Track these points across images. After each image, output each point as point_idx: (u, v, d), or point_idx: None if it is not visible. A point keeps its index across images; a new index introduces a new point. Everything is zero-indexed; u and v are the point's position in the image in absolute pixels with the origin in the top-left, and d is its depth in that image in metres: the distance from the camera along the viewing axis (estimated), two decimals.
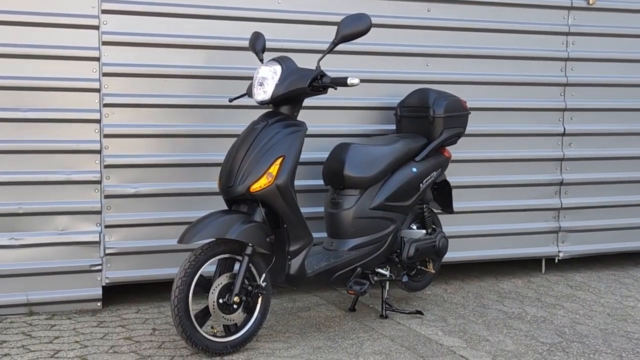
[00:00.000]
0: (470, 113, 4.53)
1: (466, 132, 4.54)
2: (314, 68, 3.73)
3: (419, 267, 4.46)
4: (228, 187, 3.60)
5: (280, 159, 3.58)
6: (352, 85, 3.68)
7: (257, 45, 3.98)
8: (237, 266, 3.56)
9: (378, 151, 4.14)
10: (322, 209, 4.23)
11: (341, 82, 3.68)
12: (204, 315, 3.56)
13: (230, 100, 4.09)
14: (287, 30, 4.48)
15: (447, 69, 4.87)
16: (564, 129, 5.19)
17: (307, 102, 3.93)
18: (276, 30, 4.42)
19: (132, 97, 4.23)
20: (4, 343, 3.70)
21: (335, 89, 3.77)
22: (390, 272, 4.21)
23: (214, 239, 3.52)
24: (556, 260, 5.35)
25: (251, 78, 3.83)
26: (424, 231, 4.36)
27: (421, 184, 4.29)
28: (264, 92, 3.69)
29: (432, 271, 4.47)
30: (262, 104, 3.76)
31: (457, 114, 4.42)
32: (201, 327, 3.51)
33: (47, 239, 4.16)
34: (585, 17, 5.18)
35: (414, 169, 4.25)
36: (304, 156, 3.90)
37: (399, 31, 4.74)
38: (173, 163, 4.33)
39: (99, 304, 4.27)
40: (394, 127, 4.64)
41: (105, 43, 4.16)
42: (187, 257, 3.49)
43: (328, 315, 4.26)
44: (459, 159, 4.81)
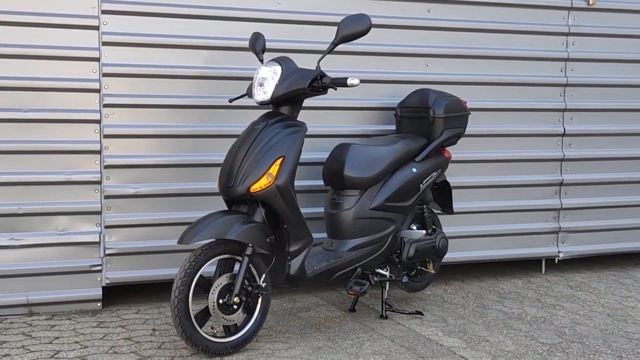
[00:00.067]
0: (470, 113, 4.53)
1: (466, 133, 4.54)
2: (314, 68, 3.73)
3: (419, 267, 4.46)
4: (228, 188, 3.60)
5: (280, 160, 3.58)
6: (352, 85, 3.67)
7: (257, 46, 3.98)
8: (237, 266, 3.56)
9: (378, 152, 4.14)
10: (322, 210, 4.23)
11: (341, 83, 3.67)
12: (204, 316, 3.55)
13: (230, 101, 4.09)
14: (287, 31, 4.48)
15: (447, 70, 4.87)
16: (564, 129, 5.18)
17: (307, 102, 3.93)
18: (276, 31, 4.42)
19: (132, 97, 4.23)
20: (4, 344, 3.70)
21: (335, 89, 3.77)
22: (390, 272, 4.21)
23: (214, 240, 3.52)
24: (556, 261, 5.34)
25: (251, 78, 3.83)
26: (424, 232, 4.36)
27: (421, 185, 4.29)
28: (264, 92, 3.69)
29: (432, 272, 4.47)
30: (262, 104, 3.76)
31: (457, 115, 4.42)
32: (201, 327, 3.51)
33: (47, 239, 4.16)
34: (585, 18, 5.18)
35: (414, 170, 4.25)
36: (304, 156, 3.90)
37: (399, 31, 4.74)
38: (173, 163, 4.33)
39: (99, 305, 4.27)
40: (394, 127, 4.64)
41: (105, 43, 4.16)
42: (187, 257, 3.49)
43: (328, 316, 4.26)
44: (459, 160, 4.81)
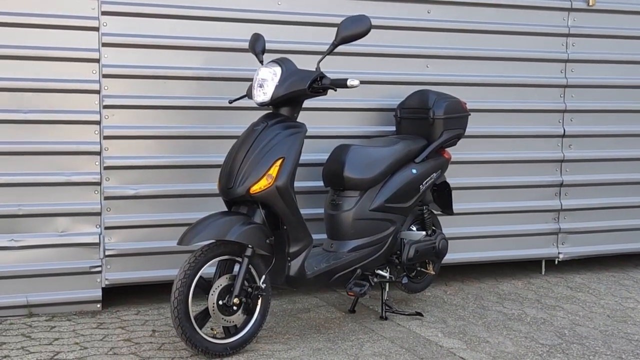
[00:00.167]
0: (470, 114, 4.53)
1: (466, 134, 4.54)
2: (314, 69, 3.73)
3: (418, 268, 4.46)
4: (228, 189, 3.60)
5: (280, 161, 3.58)
6: (352, 86, 3.67)
7: (257, 47, 3.98)
8: (236, 268, 3.56)
9: (378, 153, 4.14)
10: (322, 211, 4.23)
11: (341, 84, 3.67)
12: (203, 317, 3.55)
13: (230, 102, 4.09)
14: (287, 32, 4.48)
15: (447, 71, 4.87)
16: (564, 130, 5.18)
17: (307, 103, 3.93)
18: (276, 32, 4.42)
19: (132, 98, 4.23)
20: (3, 345, 3.70)
21: (335, 90, 3.76)
22: (390, 273, 4.21)
23: (213, 241, 3.52)
24: (556, 262, 5.34)
25: (251, 79, 3.83)
26: (424, 232, 4.36)
27: (421, 186, 4.28)
28: (264, 93, 3.69)
29: (432, 272, 4.47)
30: (262, 105, 3.76)
31: (457, 116, 4.42)
32: (201, 328, 3.50)
33: (46, 240, 4.16)
34: (585, 19, 5.18)
35: (414, 171, 4.25)
36: (304, 157, 3.90)
37: (399, 33, 4.74)
38: (173, 164, 4.33)
39: (98, 306, 4.27)
40: (393, 128, 4.64)
41: (105, 44, 4.17)
42: (186, 258, 3.49)
43: (328, 317, 4.26)
44: (458, 161, 4.81)
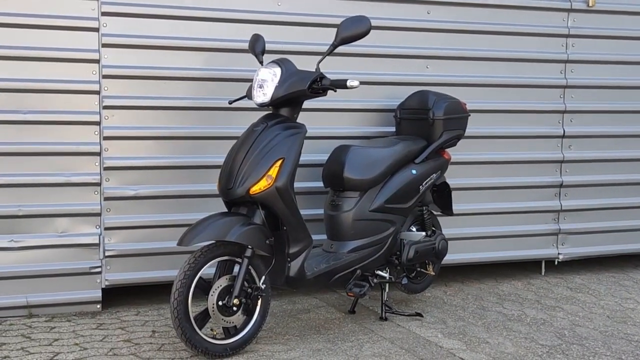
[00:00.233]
0: (470, 115, 4.53)
1: (466, 134, 4.54)
2: (314, 70, 3.73)
3: (418, 269, 4.46)
4: (227, 189, 3.60)
5: (280, 161, 3.58)
6: (352, 87, 3.67)
7: (257, 48, 3.98)
8: (236, 268, 3.56)
9: (378, 153, 4.14)
10: (321, 211, 4.23)
11: (341, 84, 3.67)
12: (203, 318, 3.56)
13: (230, 103, 4.09)
14: (286, 33, 4.48)
15: (447, 71, 4.87)
16: (564, 131, 5.18)
17: (307, 104, 3.93)
18: (276, 33, 4.42)
19: (131, 99, 4.23)
20: (3, 345, 3.70)
21: (335, 91, 3.77)
22: (389, 274, 4.21)
23: (213, 241, 3.52)
24: (556, 263, 5.35)
25: (251, 80, 3.83)
26: (424, 233, 4.36)
27: (421, 186, 4.28)
28: (264, 94, 3.69)
29: (432, 273, 4.47)
30: (262, 106, 3.76)
31: (457, 116, 4.42)
32: (201, 329, 3.51)
33: (46, 241, 4.16)
34: (584, 20, 5.18)
35: (414, 171, 4.25)
36: (304, 158, 3.90)
37: (399, 33, 4.74)
38: (173, 165, 4.33)
39: (98, 306, 4.27)
40: (393, 129, 4.64)
41: (105, 45, 4.17)
42: (186, 259, 3.49)
43: (328, 318, 4.26)
44: (458, 161, 4.81)
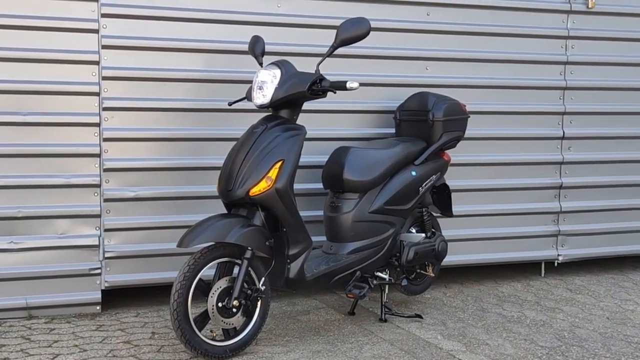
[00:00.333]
0: (469, 117, 4.53)
1: (465, 136, 4.54)
2: (314, 72, 3.73)
3: (418, 270, 4.46)
4: (227, 191, 3.60)
5: (280, 163, 3.58)
6: (352, 89, 3.67)
7: (257, 49, 3.98)
8: (236, 270, 3.56)
9: (377, 155, 4.14)
10: (321, 213, 4.23)
11: (340, 86, 3.67)
12: (203, 319, 3.55)
13: (230, 104, 4.10)
14: (286, 34, 4.48)
15: (447, 73, 4.87)
16: (564, 132, 5.19)
17: (307, 105, 3.93)
18: (276, 34, 4.42)
19: (131, 100, 4.23)
20: (3, 347, 3.69)
21: (335, 92, 3.77)
22: (389, 275, 4.21)
23: (213, 243, 3.52)
24: (555, 264, 5.34)
25: (251, 82, 3.83)
26: (423, 235, 4.36)
27: (420, 188, 4.28)
28: (264, 95, 3.69)
29: (432, 275, 4.47)
30: (262, 107, 3.76)
31: (457, 118, 4.42)
32: (200, 330, 3.51)
33: (46, 242, 4.16)
34: (584, 21, 5.19)
35: (414, 173, 4.25)
36: (304, 160, 3.90)
37: (399, 35, 4.74)
38: (172, 167, 4.33)
39: (98, 308, 4.27)
40: (393, 130, 4.65)
41: (104, 47, 4.17)
42: (186, 260, 3.49)
43: (327, 319, 4.26)
44: (458, 163, 4.81)
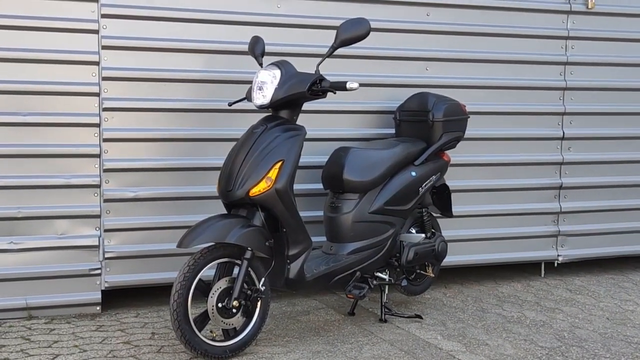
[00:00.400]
0: (469, 117, 4.53)
1: (465, 136, 4.54)
2: (313, 72, 3.73)
3: (418, 271, 4.46)
4: (227, 191, 3.60)
5: (280, 163, 3.58)
6: (352, 89, 3.67)
7: (257, 50, 3.98)
8: (236, 270, 3.56)
9: (377, 155, 4.14)
10: (321, 213, 4.23)
11: (340, 86, 3.67)
12: (203, 320, 3.56)
13: (230, 104, 4.10)
14: (286, 35, 4.48)
15: (446, 73, 4.87)
16: (563, 132, 5.19)
17: (307, 106, 3.93)
18: (275, 35, 4.42)
19: (131, 101, 4.23)
20: (3, 347, 3.69)
21: (335, 93, 3.77)
22: (389, 276, 4.21)
23: (213, 243, 3.52)
24: (555, 264, 5.34)
25: (251, 82, 3.83)
26: (423, 235, 4.36)
27: (420, 188, 4.29)
28: (263, 96, 3.69)
29: (432, 275, 4.47)
30: (262, 108, 3.76)
31: (457, 118, 4.42)
32: (200, 331, 3.51)
33: (46, 242, 4.16)
34: (584, 21, 5.19)
35: (413, 173, 4.25)
36: (303, 160, 3.90)
37: (398, 35, 4.74)
38: (172, 167, 4.33)
39: (98, 308, 4.27)
40: (393, 131, 4.65)
41: (104, 47, 4.17)
42: (186, 261, 3.49)
43: (327, 319, 4.26)
44: (458, 163, 4.81)
